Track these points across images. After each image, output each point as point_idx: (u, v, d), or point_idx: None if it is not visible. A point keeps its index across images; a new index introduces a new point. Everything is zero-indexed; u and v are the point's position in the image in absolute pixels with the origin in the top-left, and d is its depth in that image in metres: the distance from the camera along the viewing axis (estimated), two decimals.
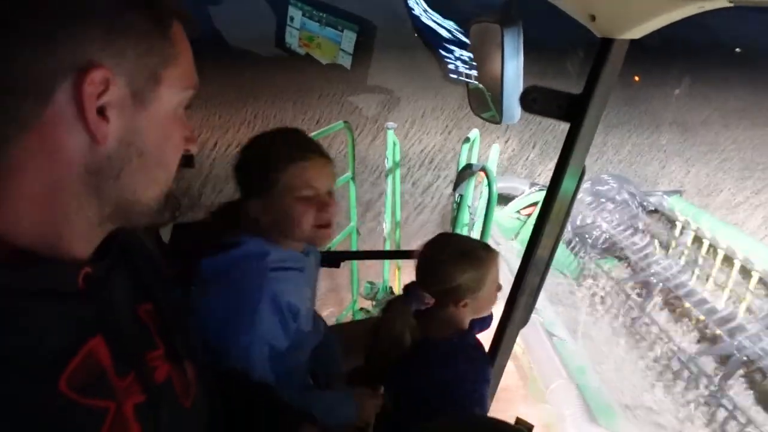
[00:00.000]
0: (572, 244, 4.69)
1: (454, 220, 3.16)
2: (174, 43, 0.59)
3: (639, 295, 4.32)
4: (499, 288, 1.43)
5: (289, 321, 1.27)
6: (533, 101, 1.10)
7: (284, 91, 8.29)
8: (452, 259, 1.36)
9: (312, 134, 2.90)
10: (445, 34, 6.26)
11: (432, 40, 6.65)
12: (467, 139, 3.27)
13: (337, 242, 3.24)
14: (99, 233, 0.61)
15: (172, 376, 0.68)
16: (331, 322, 3.44)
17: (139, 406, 0.59)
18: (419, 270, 1.42)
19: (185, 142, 0.65)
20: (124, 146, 0.56)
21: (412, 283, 1.44)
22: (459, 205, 3.13)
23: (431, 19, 6.31)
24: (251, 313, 1.21)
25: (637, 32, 0.96)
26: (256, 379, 1.21)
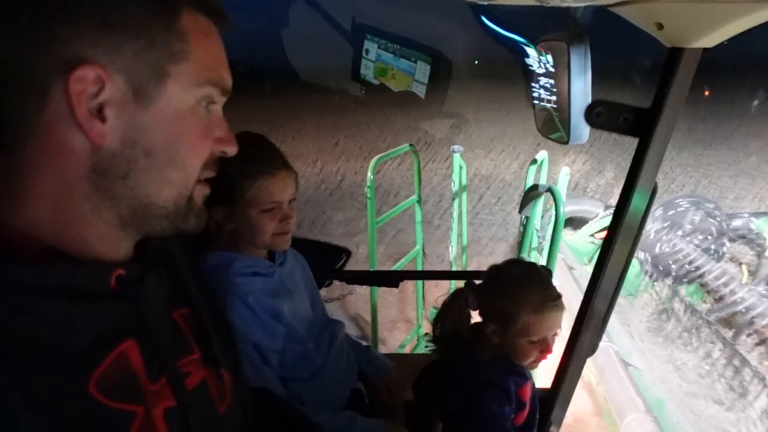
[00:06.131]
0: (649, 270, 4.44)
1: (521, 244, 3.08)
2: (184, 37, 0.56)
3: (724, 327, 4.01)
4: (544, 348, 1.30)
5: (267, 320, 1.28)
6: (598, 115, 1.06)
7: (352, 117, 8.47)
8: (515, 281, 1.31)
9: (378, 156, 2.94)
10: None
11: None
12: (534, 161, 3.19)
13: (401, 264, 3.23)
14: (123, 237, 0.60)
15: (208, 381, 0.67)
16: (396, 346, 3.43)
17: (169, 410, 0.59)
18: (487, 274, 1.37)
19: (219, 143, 0.62)
20: (128, 146, 0.54)
21: (472, 283, 1.39)
22: (525, 228, 3.05)
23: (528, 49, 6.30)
24: None
25: (708, 41, 0.90)
26: (257, 380, 1.20)
